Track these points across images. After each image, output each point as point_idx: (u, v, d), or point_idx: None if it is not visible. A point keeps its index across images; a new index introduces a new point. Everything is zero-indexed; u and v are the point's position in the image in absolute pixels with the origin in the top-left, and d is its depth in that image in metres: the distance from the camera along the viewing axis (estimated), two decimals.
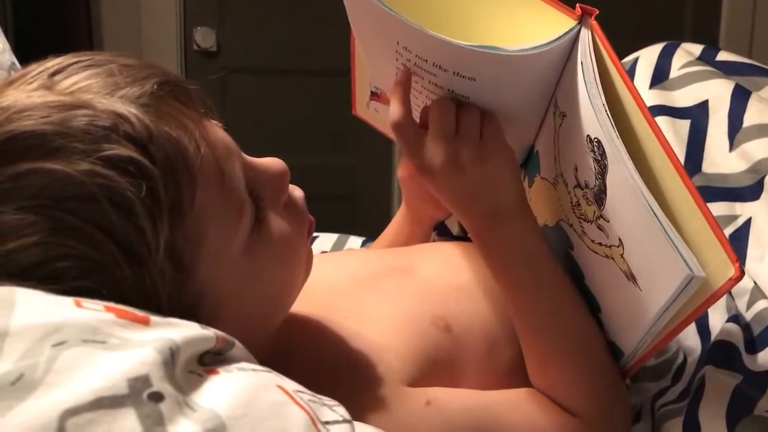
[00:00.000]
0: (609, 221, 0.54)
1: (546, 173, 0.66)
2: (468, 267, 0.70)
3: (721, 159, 0.73)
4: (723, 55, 0.85)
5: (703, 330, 0.63)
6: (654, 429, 0.63)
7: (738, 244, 0.66)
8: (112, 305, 0.36)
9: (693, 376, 0.61)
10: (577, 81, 0.53)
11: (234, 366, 0.38)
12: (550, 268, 0.60)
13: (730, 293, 0.64)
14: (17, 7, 1.83)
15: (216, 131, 0.46)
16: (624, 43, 0.63)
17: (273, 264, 0.49)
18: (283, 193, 0.51)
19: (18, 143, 0.37)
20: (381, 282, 0.66)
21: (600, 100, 0.50)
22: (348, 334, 0.57)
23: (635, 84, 0.67)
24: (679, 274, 0.47)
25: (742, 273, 0.46)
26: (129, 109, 0.39)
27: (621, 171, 0.50)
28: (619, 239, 0.53)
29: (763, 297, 0.61)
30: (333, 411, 0.40)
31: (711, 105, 0.76)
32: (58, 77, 0.41)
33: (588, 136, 0.53)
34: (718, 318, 0.63)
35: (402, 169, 0.79)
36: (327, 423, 0.38)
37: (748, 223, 0.68)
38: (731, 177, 0.72)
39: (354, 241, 1.08)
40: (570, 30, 0.53)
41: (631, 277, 0.53)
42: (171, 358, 0.34)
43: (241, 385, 0.36)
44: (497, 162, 0.57)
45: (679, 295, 0.48)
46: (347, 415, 0.41)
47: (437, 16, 0.55)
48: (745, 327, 0.60)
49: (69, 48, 0.46)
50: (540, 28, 0.54)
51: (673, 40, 0.88)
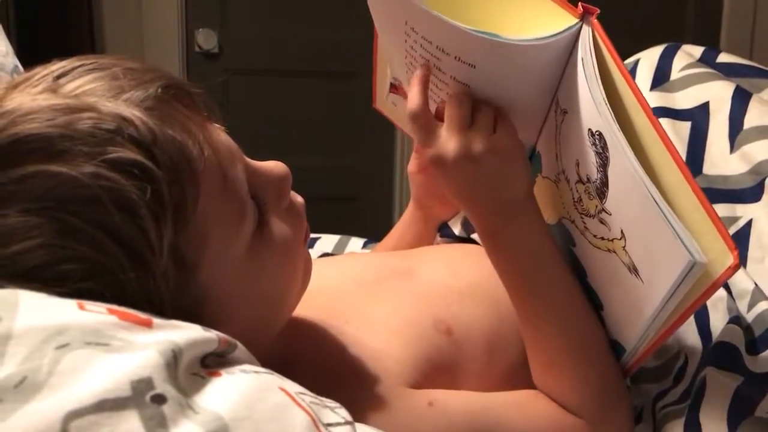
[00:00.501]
0: (611, 214, 0.54)
1: (547, 172, 0.67)
2: (469, 269, 0.70)
3: (722, 161, 0.73)
4: (724, 57, 0.85)
5: (704, 331, 0.63)
6: (655, 430, 0.63)
7: (739, 245, 0.66)
8: (114, 307, 0.36)
9: (694, 377, 0.61)
10: (578, 77, 0.54)
11: (236, 368, 0.38)
12: (557, 264, 0.60)
13: (731, 295, 0.64)
14: (20, 10, 1.84)
15: (219, 135, 0.46)
16: (625, 45, 0.63)
17: (274, 266, 0.49)
18: (285, 197, 0.51)
19: (23, 146, 0.37)
20: (382, 285, 0.66)
21: (600, 93, 0.51)
22: (349, 338, 0.58)
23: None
24: (681, 260, 0.47)
25: (740, 262, 0.46)
26: (133, 113, 0.39)
27: (622, 161, 0.50)
28: (621, 231, 0.54)
29: (765, 298, 0.61)
30: (335, 413, 0.40)
31: (712, 107, 0.77)
32: (62, 80, 0.41)
33: (589, 129, 0.53)
34: (719, 319, 0.63)
35: (413, 163, 0.80)
36: (329, 425, 0.38)
37: (749, 225, 0.68)
38: (732, 179, 0.72)
39: (355, 243, 1.08)
40: (571, 27, 0.54)
41: (633, 270, 0.53)
42: (173, 360, 0.34)
43: (244, 387, 0.36)
44: (509, 155, 0.57)
45: (682, 283, 0.49)
46: (349, 417, 0.41)
47: (448, 5, 0.56)
48: (747, 328, 0.60)
49: (71, 50, 0.46)
50: (544, 25, 0.54)
51: (674, 41, 0.88)
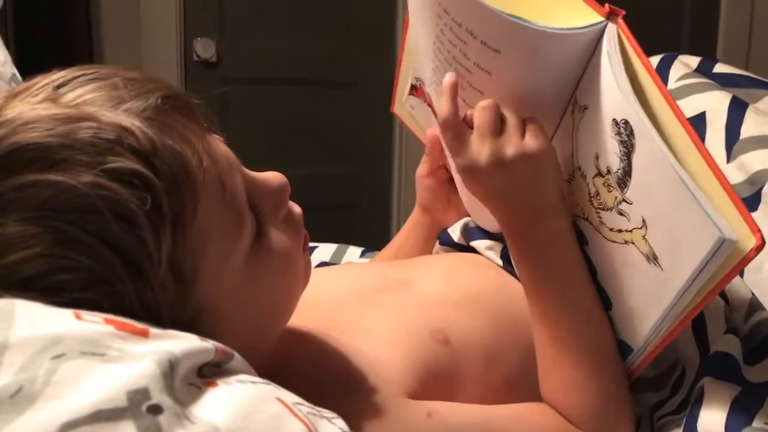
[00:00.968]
0: (632, 203, 0.56)
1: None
2: (467, 280, 0.70)
3: None
4: (720, 68, 0.85)
5: (702, 341, 0.63)
6: None
7: None
8: (111, 317, 0.36)
9: (692, 387, 0.61)
10: (601, 71, 0.56)
11: (233, 378, 0.38)
12: (582, 267, 0.61)
13: (728, 304, 0.64)
14: (18, 19, 1.84)
15: (218, 145, 0.46)
16: None
17: (273, 277, 0.49)
18: (283, 207, 0.51)
19: (22, 155, 0.37)
20: (380, 295, 0.66)
21: (626, 83, 0.54)
22: (347, 348, 0.57)
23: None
24: (710, 238, 0.49)
25: (764, 242, 0.48)
26: (133, 123, 0.40)
27: (649, 146, 0.52)
28: (642, 219, 0.55)
29: (762, 308, 0.61)
30: (332, 423, 0.40)
31: (708, 116, 0.77)
32: (63, 90, 0.41)
33: (614, 120, 0.55)
34: (716, 329, 0.63)
35: (422, 167, 0.82)
36: None
37: None
38: None
39: (353, 252, 1.08)
40: (598, 23, 0.56)
41: (653, 258, 0.55)
42: (170, 370, 0.34)
43: (240, 397, 0.36)
44: (540, 159, 0.58)
45: (711, 260, 0.50)
46: (346, 428, 0.40)
47: None
48: (744, 338, 0.60)
49: (69, 59, 0.46)
50: (571, 21, 0.57)
51: (671, 52, 0.88)
